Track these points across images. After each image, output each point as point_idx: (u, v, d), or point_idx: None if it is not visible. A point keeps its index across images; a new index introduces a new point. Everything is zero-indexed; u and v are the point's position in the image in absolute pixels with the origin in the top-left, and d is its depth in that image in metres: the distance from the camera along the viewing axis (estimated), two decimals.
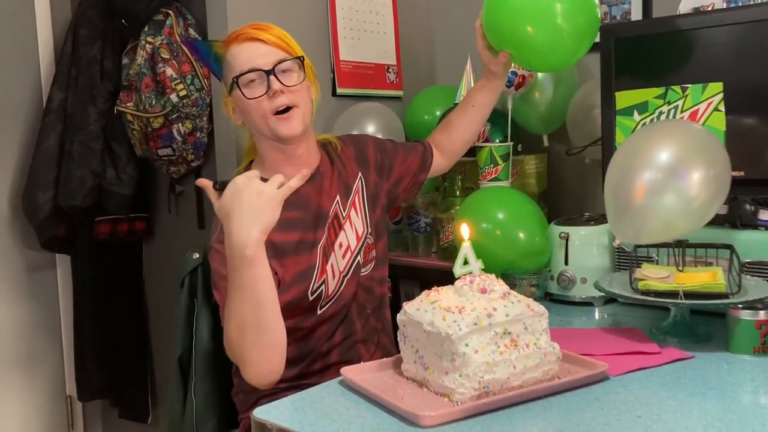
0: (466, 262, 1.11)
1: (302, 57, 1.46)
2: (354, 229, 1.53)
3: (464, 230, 1.16)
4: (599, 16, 1.58)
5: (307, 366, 1.46)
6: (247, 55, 1.41)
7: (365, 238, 1.54)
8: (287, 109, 1.42)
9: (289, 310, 1.38)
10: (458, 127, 1.74)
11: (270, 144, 1.46)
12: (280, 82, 1.40)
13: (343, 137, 1.66)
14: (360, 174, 1.59)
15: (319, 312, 1.45)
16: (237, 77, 1.41)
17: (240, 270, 1.20)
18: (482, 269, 1.11)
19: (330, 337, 1.47)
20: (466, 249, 1.10)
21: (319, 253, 1.45)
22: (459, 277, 1.10)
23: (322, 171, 1.53)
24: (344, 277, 1.48)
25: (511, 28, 1.55)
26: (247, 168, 1.52)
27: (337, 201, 1.52)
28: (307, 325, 1.45)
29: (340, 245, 1.49)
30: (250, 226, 1.18)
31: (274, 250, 1.37)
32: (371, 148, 1.64)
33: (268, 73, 1.40)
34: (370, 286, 1.55)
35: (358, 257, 1.52)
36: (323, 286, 1.45)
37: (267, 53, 1.41)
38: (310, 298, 1.43)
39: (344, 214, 1.52)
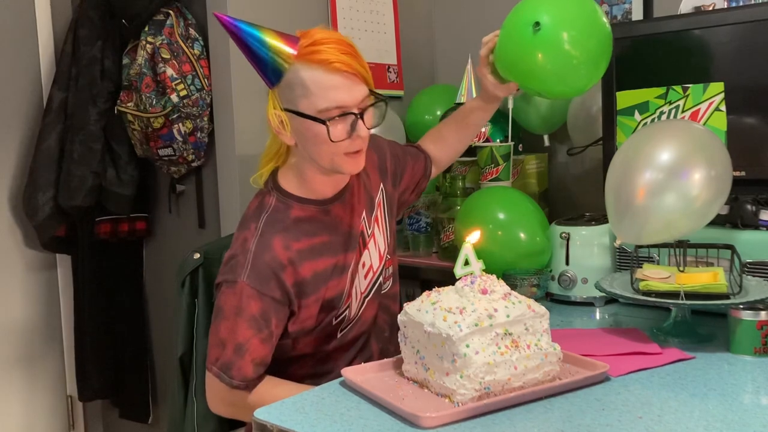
0: (467, 263, 1.10)
1: (386, 99, 1.33)
2: (377, 247, 1.44)
3: (473, 236, 1.14)
4: (608, 29, 1.39)
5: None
6: (337, 92, 1.24)
7: (386, 257, 1.46)
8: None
9: (311, 338, 1.36)
10: (451, 140, 1.65)
11: (318, 168, 1.32)
12: (366, 127, 1.28)
13: None
14: (381, 185, 1.49)
15: (339, 335, 1.39)
16: (322, 114, 1.24)
17: None
18: (483, 270, 1.11)
19: (350, 362, 1.42)
20: (467, 249, 1.10)
21: (348, 277, 1.37)
22: (460, 278, 1.10)
23: (351, 185, 1.40)
24: (365, 298, 1.42)
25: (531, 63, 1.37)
26: (272, 175, 1.38)
27: (364, 218, 1.42)
28: (327, 349, 1.39)
29: (363, 265, 1.41)
30: None
31: (307, 287, 1.30)
32: (389, 156, 1.54)
33: (357, 116, 1.26)
34: (387, 305, 1.48)
35: (380, 278, 1.45)
36: (347, 311, 1.38)
37: (356, 89, 1.26)
38: (334, 323, 1.37)
39: (369, 232, 1.43)
